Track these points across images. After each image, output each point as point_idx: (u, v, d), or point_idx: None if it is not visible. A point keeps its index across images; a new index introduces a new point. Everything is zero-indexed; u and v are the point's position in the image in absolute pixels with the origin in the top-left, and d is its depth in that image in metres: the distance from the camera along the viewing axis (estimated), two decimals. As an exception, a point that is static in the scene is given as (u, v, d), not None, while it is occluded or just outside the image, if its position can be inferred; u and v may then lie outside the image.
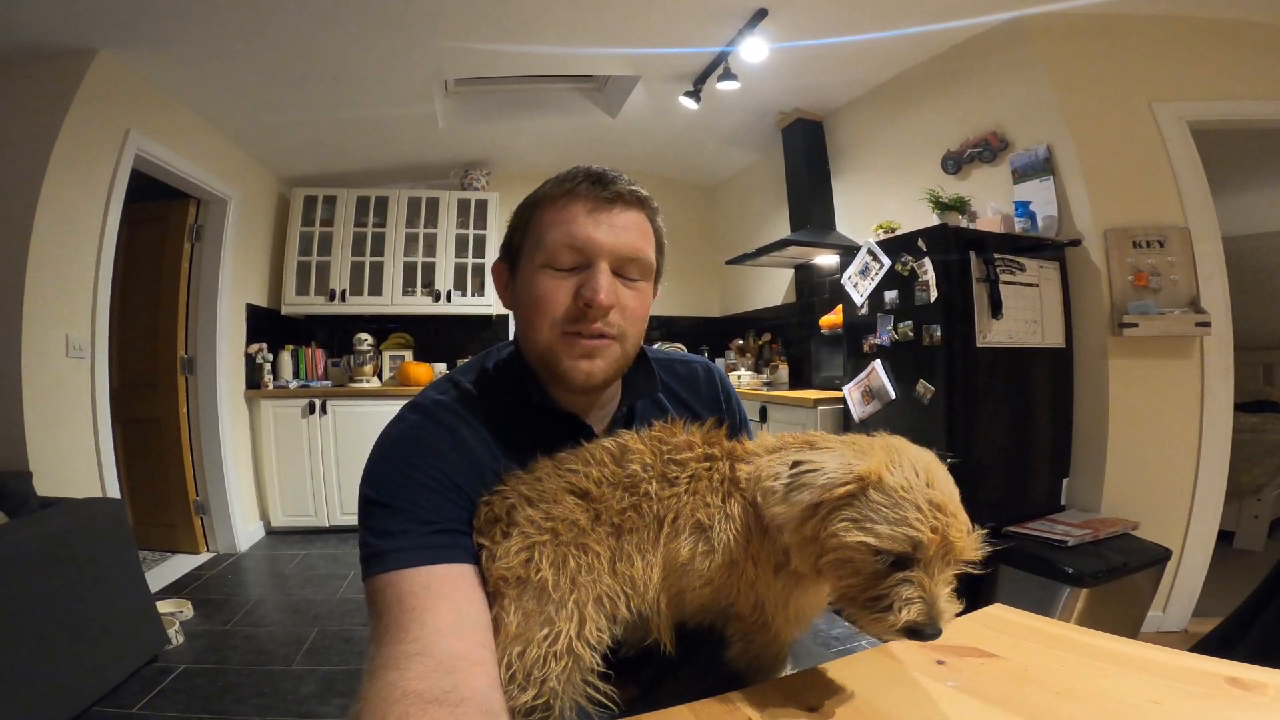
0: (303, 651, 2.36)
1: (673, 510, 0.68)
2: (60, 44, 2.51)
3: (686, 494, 0.69)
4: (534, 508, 0.69)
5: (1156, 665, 0.67)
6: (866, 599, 0.57)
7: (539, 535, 0.67)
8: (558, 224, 0.74)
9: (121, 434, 3.07)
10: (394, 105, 3.45)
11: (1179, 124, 2.47)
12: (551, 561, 0.65)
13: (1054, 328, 2.48)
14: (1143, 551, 2.14)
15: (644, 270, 0.78)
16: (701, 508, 0.68)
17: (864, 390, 2.67)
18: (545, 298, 0.75)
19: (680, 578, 0.68)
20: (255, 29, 2.59)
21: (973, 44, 2.82)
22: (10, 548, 1.77)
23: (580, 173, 0.76)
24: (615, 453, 0.72)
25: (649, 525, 0.68)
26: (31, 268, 2.39)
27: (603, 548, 0.67)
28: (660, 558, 0.68)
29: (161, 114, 3.04)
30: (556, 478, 0.71)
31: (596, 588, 0.66)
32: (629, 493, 0.69)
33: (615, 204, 0.75)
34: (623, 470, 0.70)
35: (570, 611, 0.64)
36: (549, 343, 0.76)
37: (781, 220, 4.00)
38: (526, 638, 0.63)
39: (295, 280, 4.21)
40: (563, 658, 0.63)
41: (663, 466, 0.70)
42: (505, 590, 0.66)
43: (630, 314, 0.77)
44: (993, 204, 2.66)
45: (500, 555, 0.67)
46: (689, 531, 0.67)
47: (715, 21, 2.73)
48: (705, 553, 0.67)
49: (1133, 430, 2.40)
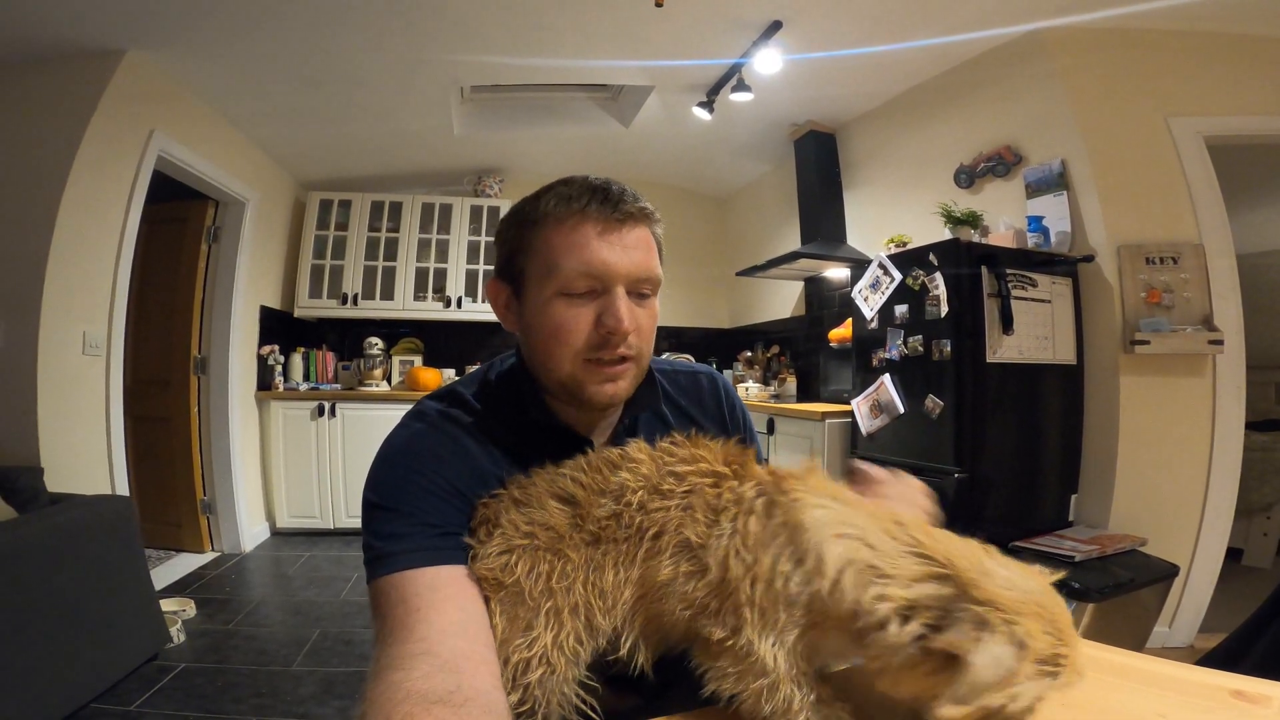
0: (303, 653, 2.36)
1: (658, 524, 0.63)
2: (90, 44, 2.57)
3: (677, 509, 0.63)
4: (518, 511, 0.68)
5: (1162, 678, 0.67)
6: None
7: (518, 539, 0.66)
8: (570, 249, 0.72)
9: (132, 431, 3.10)
10: (410, 111, 3.50)
11: (1195, 139, 2.46)
12: (527, 566, 0.65)
13: (1065, 344, 2.46)
14: (1150, 568, 2.12)
15: (655, 286, 0.78)
16: (690, 524, 0.62)
17: (872, 404, 2.66)
18: (565, 327, 0.73)
19: (660, 599, 0.63)
20: (277, 32, 2.63)
21: (987, 57, 2.82)
22: (19, 542, 1.79)
23: (585, 190, 0.74)
24: (615, 460, 0.70)
25: (630, 537, 0.64)
26: (52, 264, 2.43)
27: (578, 555, 0.65)
28: (637, 574, 0.64)
29: (184, 115, 3.09)
30: (547, 482, 0.70)
31: (571, 596, 0.64)
32: (614, 501, 0.66)
33: (625, 222, 0.74)
34: (614, 478, 0.68)
35: (548, 619, 0.63)
36: (571, 371, 0.75)
37: (792, 232, 4.01)
38: (510, 641, 0.63)
39: (309, 283, 4.25)
40: (541, 664, 0.62)
41: (659, 478, 0.66)
42: (489, 592, 0.66)
43: (645, 332, 0.77)
44: (1005, 219, 2.66)
45: (481, 556, 0.67)
46: (672, 550, 0.62)
47: (730, 33, 2.75)
48: (690, 574, 0.61)
49: (1143, 447, 2.37)
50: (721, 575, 0.59)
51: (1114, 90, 2.51)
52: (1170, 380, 2.39)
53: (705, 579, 0.60)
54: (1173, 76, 2.51)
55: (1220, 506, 2.41)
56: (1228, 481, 2.41)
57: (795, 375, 4.05)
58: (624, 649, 0.65)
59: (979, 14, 2.54)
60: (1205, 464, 2.41)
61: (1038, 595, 0.51)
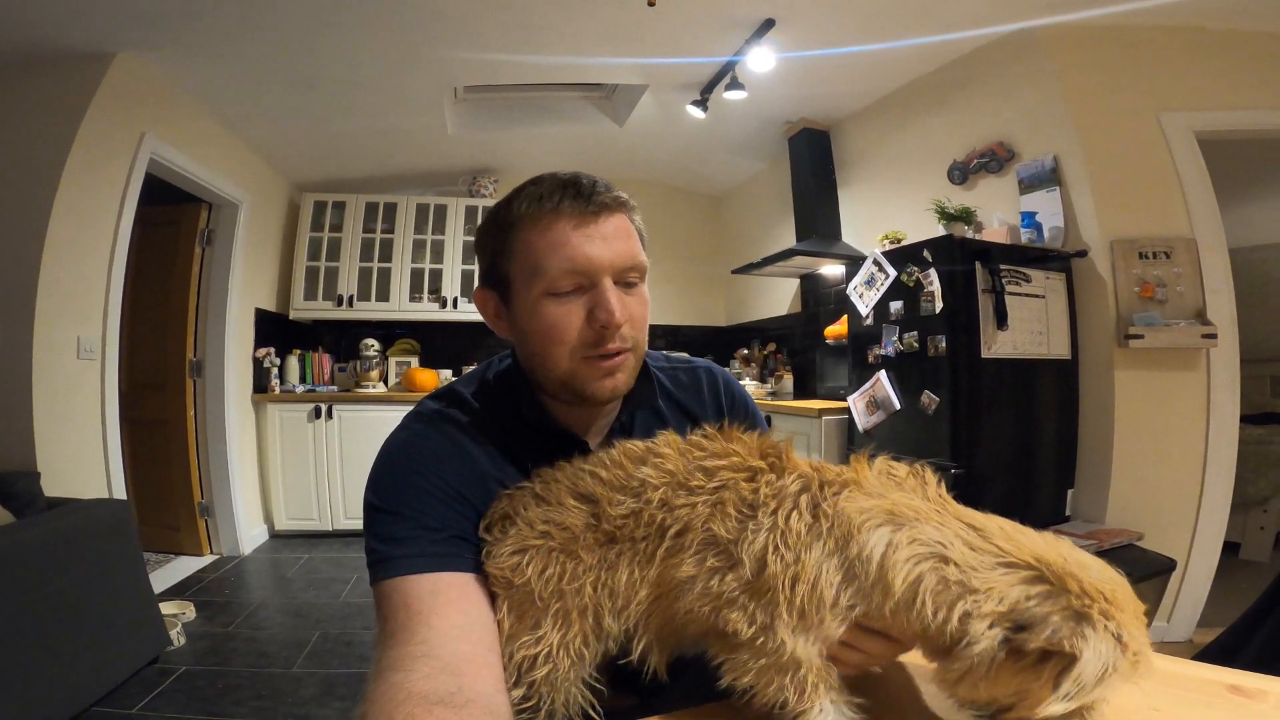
0: (303, 655, 2.36)
1: (682, 521, 0.61)
2: (80, 46, 2.55)
3: (704, 505, 0.61)
4: (537, 508, 0.68)
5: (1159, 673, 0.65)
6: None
7: (533, 538, 0.66)
8: (550, 249, 0.72)
9: (128, 435, 3.08)
10: (404, 111, 3.49)
11: (1186, 134, 2.47)
12: (539, 568, 0.64)
13: (1059, 339, 2.47)
14: (1147, 562, 2.13)
15: (641, 273, 0.78)
16: (720, 519, 0.59)
17: (869, 400, 2.66)
18: (557, 326, 0.73)
19: (678, 597, 0.61)
20: (269, 33, 2.62)
21: (980, 54, 2.83)
22: (16, 547, 1.79)
23: (556, 187, 0.73)
24: (640, 455, 0.67)
25: (649, 536, 0.62)
26: (45, 269, 2.42)
27: (591, 556, 0.64)
28: (655, 573, 0.62)
29: (177, 117, 3.08)
30: (569, 478, 0.69)
31: (581, 598, 0.63)
32: (634, 498, 0.64)
33: (600, 214, 0.73)
34: (636, 473, 0.65)
35: (555, 619, 0.63)
36: (569, 370, 0.75)
37: (787, 230, 4.01)
38: (516, 638, 0.64)
39: (304, 285, 4.24)
40: (546, 663, 0.62)
41: (686, 474, 0.63)
42: (499, 589, 0.66)
43: (638, 321, 0.77)
44: (999, 215, 2.67)
45: (495, 554, 0.67)
46: (697, 547, 0.60)
47: (723, 31, 2.75)
48: (716, 569, 0.58)
49: (1138, 442, 2.39)
50: (758, 571, 0.56)
51: (1106, 86, 2.52)
52: (1165, 374, 2.40)
53: (736, 573, 0.57)
54: (1164, 72, 2.52)
55: (1216, 500, 2.42)
56: (1223, 475, 2.42)
57: (792, 372, 4.05)
58: (635, 653, 0.64)
59: (972, 12, 2.55)
60: (1201, 458, 2.42)
61: (1124, 588, 0.51)
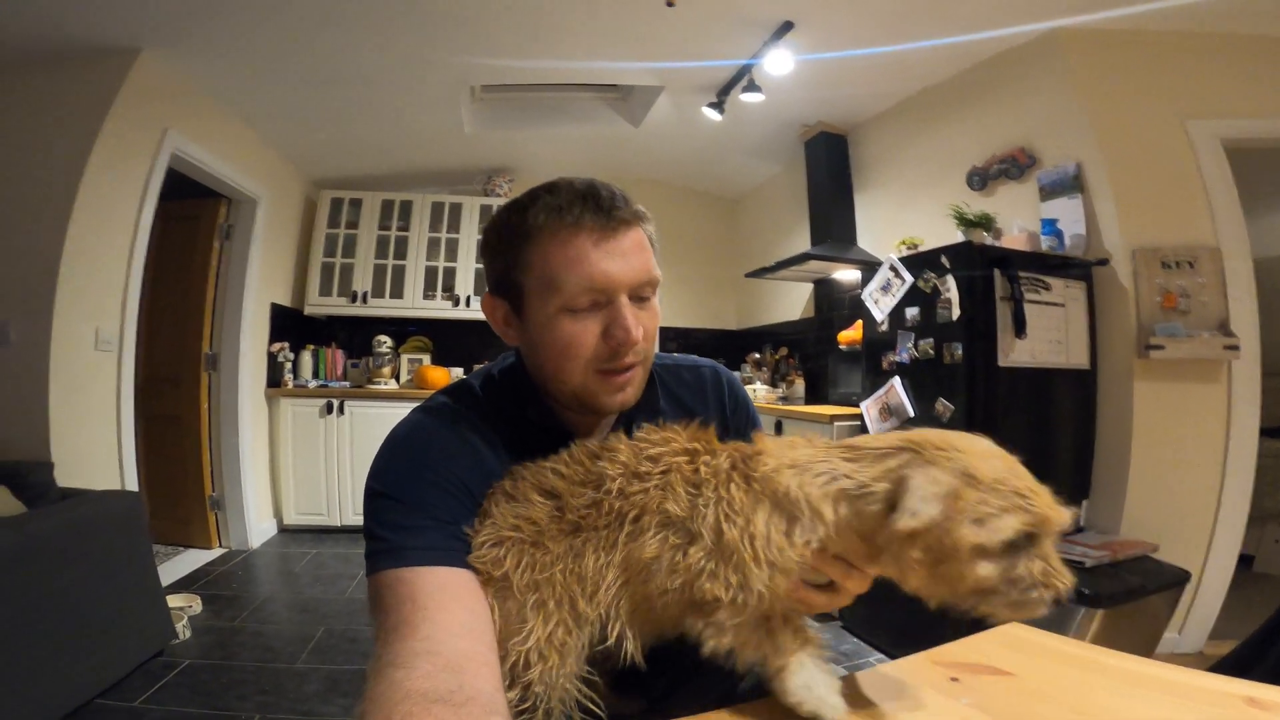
0: (308, 650, 2.37)
1: (638, 506, 0.65)
2: (105, 42, 2.59)
3: (656, 489, 0.65)
4: (507, 504, 0.70)
5: (1173, 685, 0.66)
6: (1003, 588, 0.56)
7: (506, 531, 0.67)
8: (569, 264, 0.70)
9: (142, 427, 3.12)
10: (422, 110, 3.51)
11: (1212, 142, 2.43)
12: (515, 560, 0.66)
13: (1078, 348, 2.43)
14: (1161, 574, 2.09)
15: (654, 287, 0.77)
16: (671, 499, 0.64)
17: (882, 407, 2.63)
18: (573, 343, 0.73)
19: (647, 580, 0.64)
20: (290, 31, 2.65)
21: (1002, 58, 2.80)
22: (28, 537, 1.80)
23: (575, 199, 0.71)
24: (595, 451, 0.71)
25: (611, 524, 0.66)
26: (66, 261, 2.45)
27: (558, 546, 0.66)
28: (620, 557, 0.65)
29: (198, 113, 3.12)
30: (533, 475, 0.72)
31: (554, 586, 0.65)
32: (594, 490, 0.68)
33: (619, 230, 0.72)
34: (594, 467, 0.69)
35: (534, 611, 0.64)
36: (583, 383, 0.75)
37: (802, 234, 3.99)
38: (508, 638, 0.64)
39: (319, 281, 4.28)
40: (538, 660, 0.63)
41: (636, 464, 0.68)
42: (485, 586, 0.67)
43: (650, 335, 0.77)
44: (1019, 221, 2.63)
45: (475, 547, 0.68)
46: (656, 527, 0.64)
47: (741, 34, 2.75)
48: (679, 545, 0.63)
49: (1156, 453, 2.35)
50: (717, 539, 0.61)
51: (1130, 92, 2.48)
52: (1185, 386, 2.36)
53: (697, 545, 0.62)
54: (1190, 78, 2.48)
55: (1233, 513, 2.38)
56: (1241, 488, 2.38)
57: (804, 377, 4.03)
58: (611, 636, 0.65)
59: (992, 11, 2.51)
60: (1219, 470, 2.38)
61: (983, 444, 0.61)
